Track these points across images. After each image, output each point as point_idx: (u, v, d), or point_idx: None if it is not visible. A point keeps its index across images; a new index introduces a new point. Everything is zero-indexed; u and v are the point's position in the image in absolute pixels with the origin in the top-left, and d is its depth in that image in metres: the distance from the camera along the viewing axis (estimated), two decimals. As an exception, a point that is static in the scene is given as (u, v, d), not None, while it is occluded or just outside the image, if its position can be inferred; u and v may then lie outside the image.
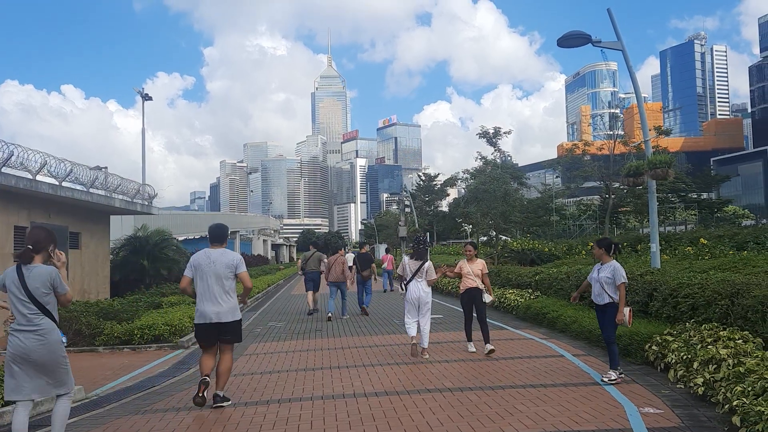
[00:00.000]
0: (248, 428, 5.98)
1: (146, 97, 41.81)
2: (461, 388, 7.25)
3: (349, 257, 18.91)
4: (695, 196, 60.84)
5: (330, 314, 15.43)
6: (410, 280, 9.70)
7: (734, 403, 5.00)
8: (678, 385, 6.78)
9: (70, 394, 5.18)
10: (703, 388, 6.11)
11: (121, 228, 28.40)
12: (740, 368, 5.66)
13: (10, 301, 4.98)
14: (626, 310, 7.32)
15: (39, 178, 16.57)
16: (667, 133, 26.93)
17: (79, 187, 18.79)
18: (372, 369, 8.78)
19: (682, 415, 5.71)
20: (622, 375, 7.31)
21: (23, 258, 5.04)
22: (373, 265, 17.84)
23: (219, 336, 6.82)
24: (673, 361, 7.15)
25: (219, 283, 6.72)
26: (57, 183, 17.37)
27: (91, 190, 19.45)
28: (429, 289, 9.72)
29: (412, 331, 9.77)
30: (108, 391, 8.49)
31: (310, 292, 17.09)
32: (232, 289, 6.82)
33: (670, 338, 7.78)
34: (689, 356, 6.87)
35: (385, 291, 23.98)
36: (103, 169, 22.98)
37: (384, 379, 7.98)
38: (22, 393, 4.93)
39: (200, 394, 6.67)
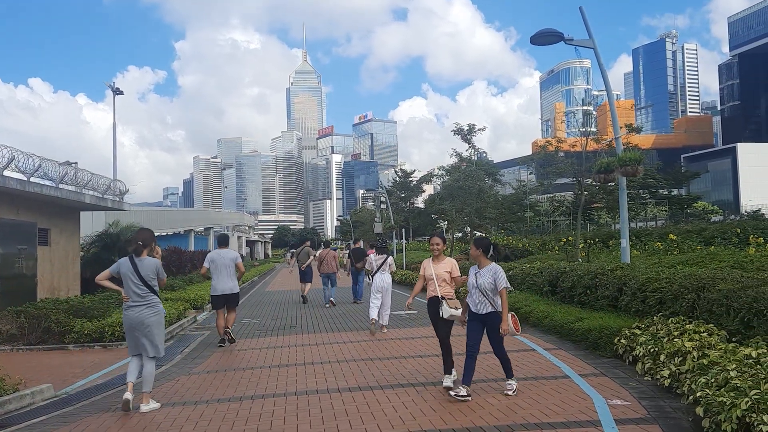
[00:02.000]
0: (220, 425, 5.96)
1: (117, 92, 41.19)
2: (434, 382, 7.32)
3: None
4: (666, 193, 61.88)
5: (327, 303, 17.70)
6: (376, 272, 12.62)
7: (698, 394, 5.12)
8: (645, 378, 6.92)
9: (157, 358, 7.05)
10: (669, 380, 6.25)
11: (92, 224, 27.96)
12: (704, 360, 5.80)
13: (126, 284, 6.79)
14: (510, 318, 6.63)
15: (6, 173, 16.25)
16: (638, 130, 27.23)
17: (48, 183, 18.45)
18: (346, 365, 8.81)
19: (649, 407, 5.84)
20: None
21: (136, 251, 6.85)
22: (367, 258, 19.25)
23: (226, 302, 11.09)
24: (641, 353, 7.29)
25: (226, 270, 10.97)
26: (25, 178, 17.05)
27: (60, 185, 19.10)
28: (390, 279, 12.74)
29: (374, 313, 12.17)
30: (78, 389, 8.39)
31: (303, 283, 19.68)
32: (233, 274, 11.04)
33: (638, 332, 7.93)
34: (656, 349, 7.01)
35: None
36: (73, 165, 22.59)
37: (358, 375, 8.01)
38: (134, 350, 6.85)
39: (222, 338, 11.20)
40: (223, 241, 11.73)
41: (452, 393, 6.41)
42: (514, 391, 6.48)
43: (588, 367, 7.78)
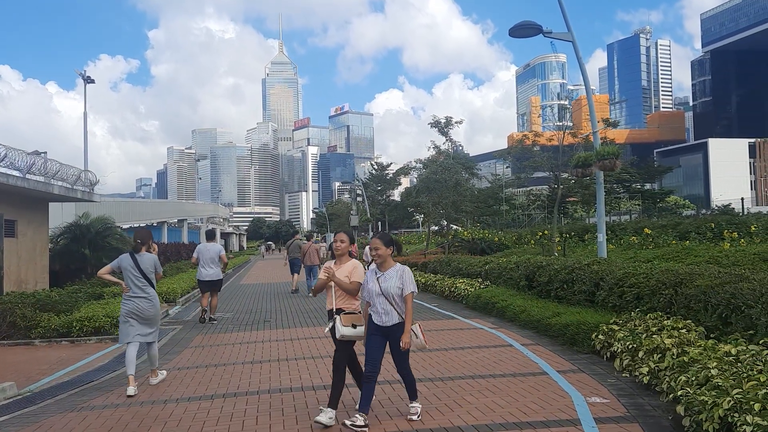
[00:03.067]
0: (190, 425, 5.76)
1: (88, 80, 40.39)
2: (411, 379, 7.17)
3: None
4: (639, 187, 62.59)
5: (310, 293, 17.93)
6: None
7: (679, 392, 5.05)
8: (624, 374, 6.86)
9: (157, 341, 7.89)
10: (648, 377, 6.19)
11: (61, 215, 27.30)
12: (684, 358, 5.73)
13: (127, 277, 7.51)
14: (417, 328, 5.58)
15: (-29, 163, 15.73)
16: (615, 125, 27.39)
17: (14, 173, 17.93)
18: (321, 360, 8.63)
19: (628, 404, 5.77)
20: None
21: (135, 249, 7.66)
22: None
23: (211, 286, 13.45)
24: (619, 350, 7.23)
25: (211, 261, 13.25)
26: (-10, 168, 16.54)
27: (27, 175, 18.59)
28: None
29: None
30: (43, 386, 8.10)
31: (294, 275, 21.02)
32: (218, 263, 13.34)
33: (616, 327, 7.87)
34: (634, 345, 6.95)
35: None
36: (42, 155, 22.02)
37: (333, 371, 7.84)
38: (130, 337, 7.46)
39: (202, 316, 13.52)
40: (210, 236, 14.28)
41: (347, 422, 5.25)
42: (418, 416, 5.54)
43: (566, 364, 7.71)
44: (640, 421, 5.26)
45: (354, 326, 5.65)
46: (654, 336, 6.80)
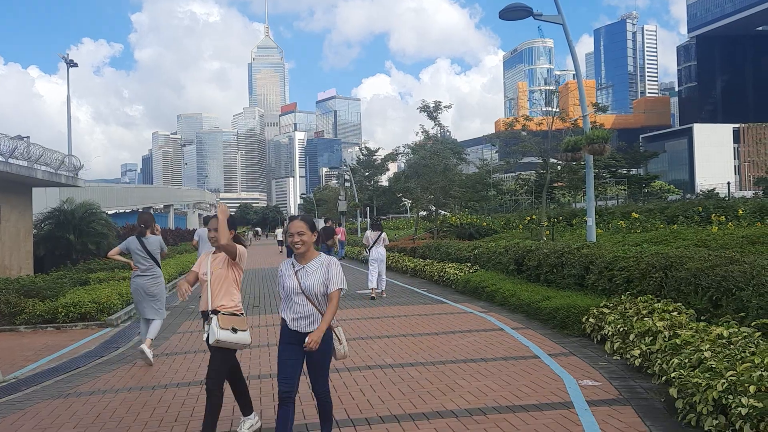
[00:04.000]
0: (179, 411, 5.69)
1: (71, 63, 39.79)
2: (402, 364, 7.15)
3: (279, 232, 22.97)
4: (625, 172, 62.84)
5: None
6: (372, 246, 14.60)
7: (672, 375, 5.04)
8: (615, 357, 6.87)
9: (161, 319, 8.40)
10: (639, 360, 6.19)
11: (45, 200, 26.95)
12: (677, 340, 5.72)
13: (135, 258, 8.21)
14: (340, 332, 4.43)
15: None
16: (605, 109, 27.37)
17: (-4, 157, 17.63)
18: (311, 345, 8.56)
19: (620, 387, 5.76)
20: None
21: (141, 233, 8.27)
22: (336, 235, 22.15)
23: None
24: (610, 333, 7.23)
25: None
26: (-29, 152, 16.25)
27: (10, 160, 18.29)
28: (385, 251, 14.81)
29: (373, 283, 14.14)
30: (28, 373, 7.98)
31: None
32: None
33: (606, 310, 7.87)
34: (625, 328, 6.95)
35: (341, 258, 24.97)
36: (25, 139, 21.67)
37: (323, 356, 7.78)
38: (142, 313, 8.25)
39: None
40: (207, 221, 16.18)
41: None
42: None
43: (557, 347, 7.71)
44: (632, 404, 5.26)
45: (235, 330, 4.65)
46: (645, 319, 6.79)
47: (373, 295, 13.85)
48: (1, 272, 18.10)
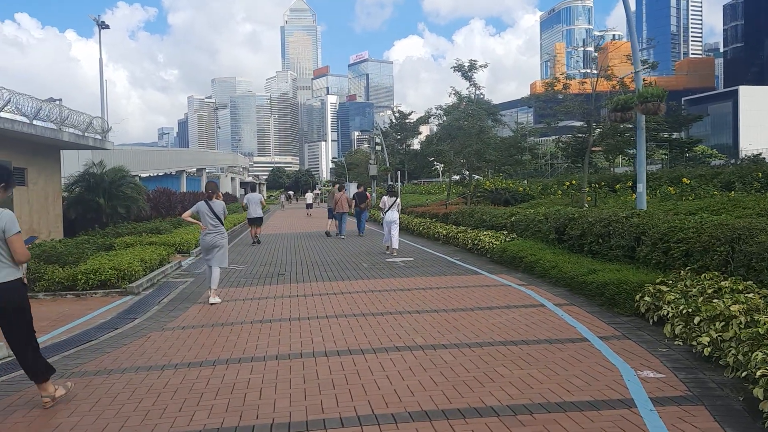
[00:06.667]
0: (186, 398, 5.08)
1: (103, 25, 39.57)
2: (434, 345, 6.45)
3: (309, 196, 27.43)
4: (666, 136, 60.48)
5: (342, 235, 22.47)
6: (388, 210, 16.69)
7: (758, 373, 4.23)
8: (676, 342, 6.07)
9: (220, 267, 10.17)
10: (709, 349, 5.37)
11: (78, 164, 26.76)
12: (759, 329, 4.88)
13: (203, 218, 9.94)
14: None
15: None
16: (654, 66, 25.90)
17: (21, 119, 17.24)
18: (335, 321, 7.94)
19: (687, 381, 4.98)
20: None
21: (208, 197, 10.09)
22: (368, 200, 24.77)
23: (256, 222, 21.54)
24: (670, 314, 6.41)
25: (256, 204, 21.45)
26: (-7, 114, 15.85)
27: (35, 122, 17.90)
28: (398, 215, 16.70)
29: (387, 241, 16.48)
30: (40, 345, 7.49)
31: (330, 220, 23.77)
32: (259, 206, 21.63)
33: (664, 288, 7.03)
34: (689, 310, 6.12)
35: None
36: (57, 102, 21.31)
37: (348, 335, 7.14)
38: (209, 262, 10.06)
39: (254, 241, 21.00)
40: (252, 188, 19.25)
41: None
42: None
43: (607, 328, 6.92)
44: (705, 403, 4.48)
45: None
46: (715, 300, 5.94)
47: (385, 251, 16.51)
48: (29, 236, 17.87)
